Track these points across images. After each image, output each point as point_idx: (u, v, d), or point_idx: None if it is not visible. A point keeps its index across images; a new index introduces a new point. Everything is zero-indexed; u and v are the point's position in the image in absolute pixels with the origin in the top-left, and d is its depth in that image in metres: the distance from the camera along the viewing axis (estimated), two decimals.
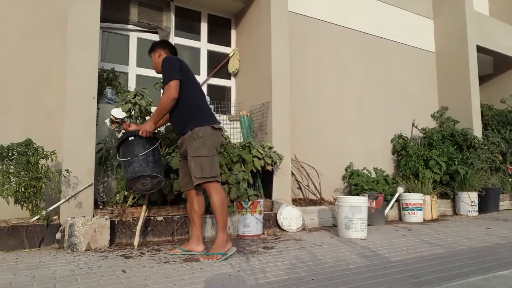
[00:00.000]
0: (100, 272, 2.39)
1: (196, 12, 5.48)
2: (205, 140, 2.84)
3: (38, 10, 4.02)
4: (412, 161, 5.87)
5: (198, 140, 2.83)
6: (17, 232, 3.05)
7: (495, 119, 7.48)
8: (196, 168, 2.80)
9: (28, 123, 3.83)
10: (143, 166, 2.83)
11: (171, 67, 2.88)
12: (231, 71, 5.52)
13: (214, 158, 2.86)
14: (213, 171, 2.81)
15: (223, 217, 2.82)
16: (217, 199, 2.80)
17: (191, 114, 2.90)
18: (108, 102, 4.27)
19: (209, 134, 2.86)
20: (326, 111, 5.77)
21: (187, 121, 2.89)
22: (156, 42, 3.24)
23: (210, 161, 2.81)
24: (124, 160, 2.88)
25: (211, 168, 2.80)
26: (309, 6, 5.82)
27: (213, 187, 2.82)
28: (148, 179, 2.90)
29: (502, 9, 8.98)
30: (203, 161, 2.80)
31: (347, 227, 3.72)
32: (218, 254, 2.71)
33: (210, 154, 2.83)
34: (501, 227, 4.32)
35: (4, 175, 3.07)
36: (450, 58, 7.16)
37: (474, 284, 2.12)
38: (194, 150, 2.83)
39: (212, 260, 2.66)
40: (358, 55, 6.26)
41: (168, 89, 2.82)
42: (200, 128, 2.85)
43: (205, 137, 2.84)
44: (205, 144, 2.83)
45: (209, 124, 2.88)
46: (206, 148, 2.83)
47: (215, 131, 2.91)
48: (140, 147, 2.87)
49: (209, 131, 2.87)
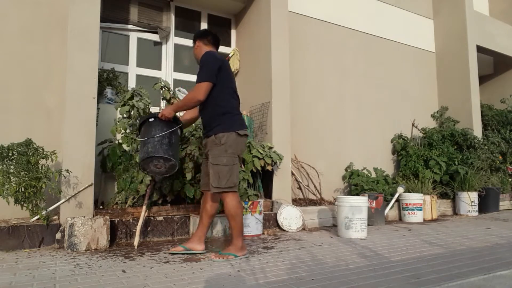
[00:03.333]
0: (100, 272, 2.39)
1: (196, 12, 5.48)
2: (227, 147, 2.77)
3: (38, 10, 4.02)
4: (412, 161, 5.87)
5: (220, 147, 2.77)
6: (17, 232, 3.05)
7: (495, 119, 7.48)
8: (214, 177, 2.75)
9: (28, 123, 3.83)
10: (157, 147, 2.79)
11: (209, 67, 2.78)
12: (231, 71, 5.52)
13: (234, 167, 2.79)
14: (230, 181, 2.75)
15: (237, 225, 2.80)
16: (231, 208, 2.77)
17: (218, 118, 2.82)
18: (108, 102, 4.28)
19: (233, 141, 2.79)
20: (326, 111, 5.77)
21: (213, 124, 2.83)
22: (196, 34, 3.09)
23: (228, 171, 2.75)
24: (141, 140, 2.89)
25: (228, 178, 2.74)
26: (309, 6, 5.82)
27: (228, 197, 2.78)
28: (160, 161, 2.84)
29: (502, 9, 8.98)
30: (221, 170, 2.74)
31: (347, 227, 3.72)
32: (231, 255, 2.74)
33: (229, 163, 2.76)
34: (501, 227, 4.32)
35: (4, 175, 3.07)
36: (450, 58, 7.16)
37: (474, 284, 2.12)
38: (214, 157, 2.78)
39: (223, 259, 2.69)
40: (358, 55, 6.26)
41: (196, 89, 2.75)
42: (224, 134, 2.78)
43: (227, 144, 2.77)
44: (226, 151, 2.76)
45: (235, 130, 2.80)
46: (226, 156, 2.76)
47: (239, 137, 2.83)
48: (158, 129, 2.84)
49: (233, 137, 2.79)
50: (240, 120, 2.91)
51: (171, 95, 3.80)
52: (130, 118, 3.74)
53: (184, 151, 3.63)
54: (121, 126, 3.66)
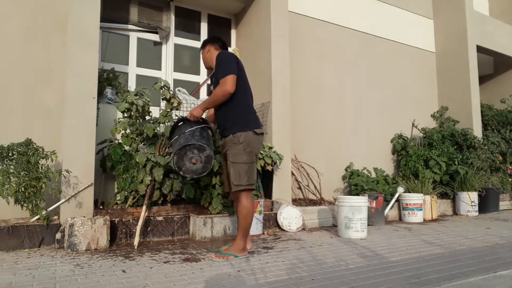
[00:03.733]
0: (100, 272, 2.39)
1: (196, 12, 5.48)
2: (246, 145, 2.82)
3: (38, 10, 4.01)
4: (412, 161, 5.87)
5: (238, 146, 2.81)
6: (17, 232, 3.05)
7: (495, 119, 7.48)
8: (234, 175, 2.80)
9: (28, 123, 3.83)
10: (189, 138, 2.78)
11: (227, 61, 2.84)
12: None
13: (253, 165, 2.86)
14: (251, 179, 2.81)
15: (245, 226, 2.83)
16: (244, 208, 2.81)
17: (234, 117, 2.86)
18: (108, 102, 4.28)
19: (250, 139, 2.84)
20: (326, 111, 5.77)
21: (229, 124, 2.88)
22: (206, 40, 3.21)
23: (248, 168, 2.81)
24: (173, 140, 2.86)
25: (248, 176, 2.80)
26: (309, 6, 5.82)
27: (244, 195, 2.82)
28: (195, 152, 2.76)
29: (502, 9, 8.97)
30: (241, 168, 2.79)
31: (347, 227, 3.72)
32: (231, 255, 2.75)
33: (249, 161, 2.82)
34: (501, 227, 4.32)
35: (4, 175, 3.07)
36: (450, 58, 7.15)
37: (474, 284, 2.12)
38: (234, 155, 2.82)
39: (224, 259, 2.70)
40: (358, 55, 6.26)
41: (224, 83, 2.76)
42: (242, 133, 2.83)
43: (245, 143, 2.82)
44: (245, 150, 2.81)
45: (252, 129, 2.86)
46: (245, 155, 2.81)
47: (256, 136, 2.88)
48: (188, 127, 2.86)
49: (251, 136, 2.84)
50: (255, 118, 2.95)
51: (171, 95, 3.80)
52: (131, 118, 3.74)
53: None
54: (121, 126, 3.66)
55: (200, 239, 3.51)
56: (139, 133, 3.78)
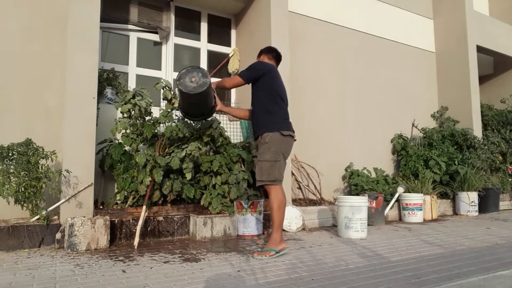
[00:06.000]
0: (100, 272, 2.39)
1: (196, 12, 5.48)
2: (271, 145, 3.04)
3: (38, 10, 4.01)
4: (412, 161, 5.87)
5: (264, 145, 3.07)
6: (17, 232, 3.05)
7: (495, 119, 7.48)
8: (257, 171, 3.07)
9: (28, 123, 3.83)
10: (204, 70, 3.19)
11: (251, 69, 3.20)
12: (231, 71, 5.52)
13: (276, 164, 3.02)
14: (272, 175, 3.00)
15: (278, 218, 2.98)
16: (274, 201, 2.99)
17: (263, 121, 3.14)
18: (108, 102, 4.27)
19: (276, 140, 3.05)
20: (326, 111, 5.77)
21: (259, 127, 3.16)
22: (262, 49, 3.52)
23: (271, 166, 3.00)
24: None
25: (270, 172, 2.99)
26: (309, 6, 5.81)
27: (273, 189, 3.01)
28: (199, 75, 3.12)
29: (502, 9, 8.97)
30: (264, 165, 3.02)
31: (347, 227, 3.72)
32: (271, 251, 2.83)
33: (272, 159, 3.01)
34: (501, 227, 4.32)
35: (4, 175, 3.07)
36: (450, 58, 7.15)
37: (474, 284, 2.13)
38: (260, 154, 3.09)
39: (265, 256, 2.77)
40: (358, 55, 6.26)
41: (231, 79, 3.22)
42: (268, 134, 3.07)
43: (271, 143, 3.04)
44: (270, 149, 3.04)
45: (278, 131, 3.06)
46: (270, 153, 3.03)
47: (283, 137, 3.07)
48: None
49: (277, 137, 3.05)
50: (284, 122, 3.16)
51: (172, 95, 3.80)
52: (131, 118, 3.74)
53: (184, 151, 3.63)
54: (121, 126, 3.66)
55: (200, 239, 3.51)
56: (139, 133, 3.78)
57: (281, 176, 3.06)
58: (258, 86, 3.20)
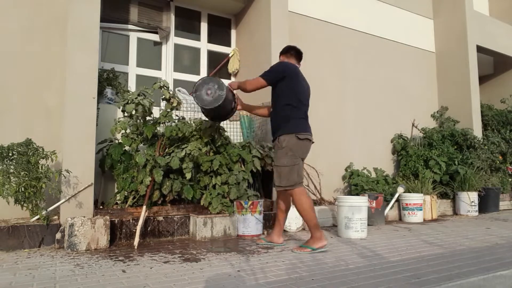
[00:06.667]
0: (100, 272, 2.39)
1: (196, 12, 5.48)
2: (287, 150, 3.02)
3: (38, 10, 4.01)
4: (412, 161, 5.86)
5: (281, 150, 3.06)
6: (17, 232, 3.05)
7: (495, 119, 7.48)
8: (276, 176, 3.09)
9: (28, 123, 3.83)
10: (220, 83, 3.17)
11: (272, 71, 3.18)
12: (231, 71, 5.52)
13: (294, 168, 3.02)
14: (291, 180, 3.00)
15: (310, 219, 3.02)
16: (299, 206, 3.03)
17: (281, 123, 3.11)
18: (108, 102, 4.27)
19: (293, 143, 3.03)
20: (326, 111, 5.76)
21: (277, 129, 3.15)
22: (280, 51, 3.49)
23: (289, 171, 3.00)
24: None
25: (288, 177, 3.00)
26: (309, 6, 5.81)
27: (295, 194, 3.03)
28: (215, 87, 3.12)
29: (502, 9, 8.97)
30: (282, 170, 3.03)
31: (347, 227, 3.72)
32: (308, 248, 2.96)
33: (290, 164, 3.01)
34: (501, 227, 4.32)
35: (4, 175, 3.07)
36: (450, 58, 7.15)
37: (474, 284, 2.13)
38: (277, 158, 3.10)
39: (300, 251, 2.93)
40: (358, 55, 6.26)
41: (253, 81, 3.19)
42: (285, 137, 3.05)
43: (287, 147, 3.03)
44: (287, 154, 3.02)
45: (295, 134, 3.04)
46: (287, 158, 3.02)
47: (299, 141, 3.05)
48: None
49: (294, 141, 3.03)
50: (302, 124, 3.12)
51: (171, 95, 3.80)
52: (132, 118, 3.74)
53: (184, 151, 3.63)
54: (120, 126, 3.66)
55: (200, 239, 3.51)
56: (139, 133, 3.78)
57: (300, 178, 3.07)
58: (278, 88, 3.17)
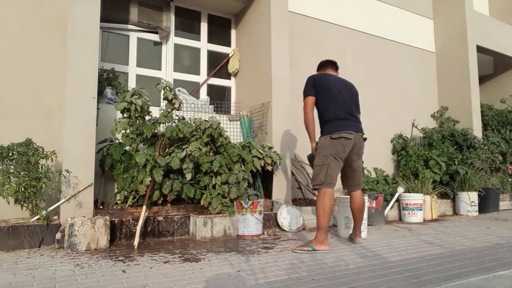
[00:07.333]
0: (100, 272, 2.39)
1: (196, 12, 5.48)
2: (320, 150, 3.19)
3: (38, 10, 4.02)
4: (412, 161, 5.87)
5: (317, 151, 3.23)
6: (17, 232, 3.05)
7: (495, 119, 7.48)
8: (312, 175, 3.26)
9: (28, 123, 3.83)
10: None
11: (305, 87, 3.36)
12: (231, 71, 5.52)
13: (324, 168, 3.12)
14: (319, 179, 3.12)
15: (320, 219, 3.07)
16: (318, 204, 3.10)
17: (321, 127, 3.32)
18: (108, 102, 4.28)
19: (326, 144, 3.16)
20: None
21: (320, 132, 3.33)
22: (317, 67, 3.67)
23: (320, 170, 3.12)
24: None
25: (317, 177, 3.13)
26: (309, 6, 5.81)
27: (321, 192, 3.12)
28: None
29: (502, 9, 8.97)
30: (314, 169, 3.18)
31: (347, 227, 3.72)
32: (309, 247, 2.96)
33: (320, 164, 3.14)
34: (501, 227, 4.32)
35: (4, 175, 3.07)
36: (450, 58, 7.15)
37: (474, 284, 2.12)
38: (315, 159, 3.24)
39: (300, 250, 2.94)
40: (358, 55, 6.26)
41: (303, 106, 3.32)
42: (321, 139, 3.25)
43: (321, 147, 3.20)
44: (319, 154, 3.18)
45: (329, 134, 3.17)
46: (319, 158, 3.17)
47: (333, 140, 3.15)
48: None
49: (327, 142, 3.17)
50: (337, 124, 3.20)
51: (173, 96, 3.80)
52: (130, 118, 3.74)
53: (184, 151, 3.63)
54: (120, 126, 3.66)
55: (200, 239, 3.51)
56: (139, 133, 3.78)
57: (329, 179, 3.10)
58: (316, 98, 3.33)
